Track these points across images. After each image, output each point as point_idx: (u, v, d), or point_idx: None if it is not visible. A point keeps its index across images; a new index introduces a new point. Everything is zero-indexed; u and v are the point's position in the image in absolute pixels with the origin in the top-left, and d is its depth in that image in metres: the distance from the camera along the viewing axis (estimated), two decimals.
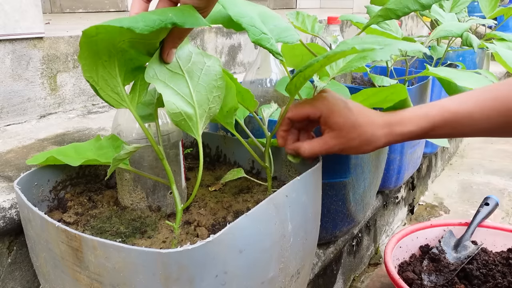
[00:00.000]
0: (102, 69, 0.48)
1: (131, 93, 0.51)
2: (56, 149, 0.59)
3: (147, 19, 0.42)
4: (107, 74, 0.48)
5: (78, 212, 0.58)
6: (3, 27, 0.96)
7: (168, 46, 0.48)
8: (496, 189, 1.66)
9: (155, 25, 0.42)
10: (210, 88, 0.52)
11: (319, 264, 0.88)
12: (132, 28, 0.41)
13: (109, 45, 0.46)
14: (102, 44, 0.46)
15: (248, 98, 0.62)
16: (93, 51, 0.46)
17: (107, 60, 0.47)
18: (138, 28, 0.41)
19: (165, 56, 0.48)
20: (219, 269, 0.44)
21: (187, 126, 0.50)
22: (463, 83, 0.81)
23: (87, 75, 0.47)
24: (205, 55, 0.53)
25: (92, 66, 0.47)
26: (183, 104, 0.50)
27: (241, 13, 0.55)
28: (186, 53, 0.51)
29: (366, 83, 1.16)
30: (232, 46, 1.61)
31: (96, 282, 0.45)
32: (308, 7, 3.79)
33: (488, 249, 1.09)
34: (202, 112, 0.52)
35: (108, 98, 0.49)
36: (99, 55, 0.47)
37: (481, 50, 1.55)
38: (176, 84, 0.49)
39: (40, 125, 1.00)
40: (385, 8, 0.70)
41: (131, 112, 0.50)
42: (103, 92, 0.49)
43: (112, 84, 0.49)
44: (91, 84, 0.48)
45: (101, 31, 0.43)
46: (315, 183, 0.61)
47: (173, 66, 0.50)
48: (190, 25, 0.44)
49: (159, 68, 0.49)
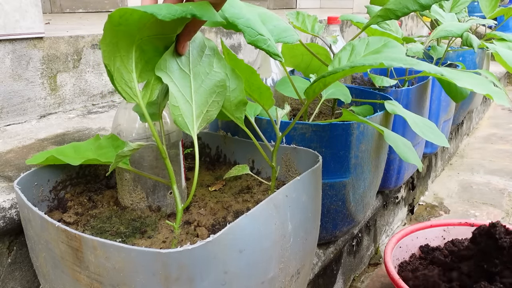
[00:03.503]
0: (120, 62, 0.49)
1: (143, 90, 0.52)
2: (55, 148, 0.59)
3: (169, 8, 0.44)
4: (123, 68, 0.50)
5: (78, 212, 0.58)
6: (3, 27, 0.96)
7: (183, 39, 0.51)
8: (496, 189, 1.66)
9: (176, 14, 0.44)
10: (210, 93, 0.54)
11: (319, 264, 0.88)
12: (155, 14, 0.43)
13: (128, 40, 0.48)
14: (122, 37, 0.47)
15: (267, 96, 0.62)
16: (113, 42, 0.48)
17: (125, 54, 0.49)
18: (161, 14, 0.43)
19: (181, 49, 0.51)
20: (219, 269, 0.44)
21: (184, 123, 0.52)
22: (463, 83, 0.81)
23: (106, 62, 0.49)
24: (216, 55, 0.55)
25: (111, 55, 0.49)
26: (182, 101, 0.51)
27: (237, 15, 0.55)
28: (200, 47, 0.54)
29: (366, 83, 1.16)
30: (232, 46, 1.61)
31: (96, 282, 0.45)
32: (308, 7, 3.79)
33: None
34: (199, 113, 0.53)
35: (121, 90, 0.51)
36: (118, 48, 0.48)
37: (481, 50, 1.55)
38: (180, 82, 0.52)
39: (40, 125, 1.00)
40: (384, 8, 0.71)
41: (141, 108, 0.51)
42: (117, 83, 0.50)
43: (126, 78, 0.50)
44: (108, 71, 0.50)
45: (122, 22, 0.45)
46: (315, 183, 0.61)
47: (183, 62, 0.52)
48: (208, 18, 0.46)
49: (170, 62, 0.51)
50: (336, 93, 0.82)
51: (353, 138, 0.73)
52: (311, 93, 0.56)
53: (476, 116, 2.35)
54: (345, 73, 0.51)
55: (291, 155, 0.68)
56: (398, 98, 0.98)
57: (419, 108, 1.08)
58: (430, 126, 0.80)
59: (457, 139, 2.01)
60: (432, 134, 0.78)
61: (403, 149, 0.68)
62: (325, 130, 0.72)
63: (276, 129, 0.64)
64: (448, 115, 1.44)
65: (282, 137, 0.62)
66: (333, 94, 0.82)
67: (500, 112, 2.63)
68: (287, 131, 0.61)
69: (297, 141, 0.72)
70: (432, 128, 0.80)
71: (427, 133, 0.77)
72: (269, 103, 0.62)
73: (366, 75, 1.18)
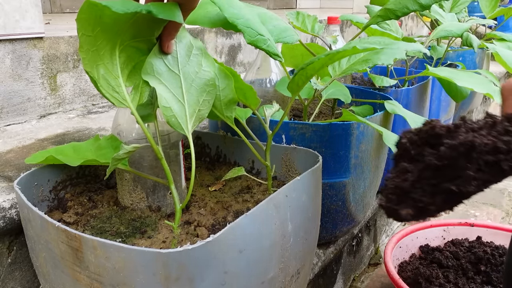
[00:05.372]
0: (104, 69, 0.49)
1: (132, 93, 0.51)
2: (55, 148, 0.59)
3: (126, 3, 0.44)
4: (109, 74, 0.49)
5: (78, 212, 0.58)
6: (3, 27, 0.96)
7: (165, 39, 0.51)
8: (496, 189, 1.66)
9: (130, 8, 0.43)
10: (201, 92, 0.54)
11: (319, 264, 0.88)
12: (110, 7, 0.43)
13: (109, 46, 0.48)
14: (102, 44, 0.47)
15: (251, 95, 0.62)
16: (92, 49, 0.47)
17: (108, 61, 0.49)
18: (114, 7, 0.43)
19: (165, 48, 0.51)
20: (219, 269, 0.44)
21: (177, 123, 0.52)
22: (463, 83, 0.81)
23: (88, 69, 0.48)
24: (204, 55, 0.54)
25: (92, 63, 0.48)
26: (174, 102, 0.51)
27: (236, 15, 0.55)
28: (187, 47, 0.53)
29: (366, 83, 1.16)
30: (232, 46, 1.61)
31: (96, 282, 0.45)
32: (308, 7, 3.79)
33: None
34: (192, 112, 0.53)
35: (109, 96, 0.50)
36: (99, 55, 0.48)
37: (481, 50, 1.55)
38: (170, 83, 0.51)
39: (40, 125, 1.00)
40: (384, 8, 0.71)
41: (132, 112, 0.51)
42: (104, 89, 0.50)
43: (113, 84, 0.50)
44: (91, 77, 0.49)
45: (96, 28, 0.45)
46: (315, 183, 0.61)
47: (172, 63, 0.52)
48: (164, 16, 0.46)
49: (158, 64, 0.51)
50: (336, 93, 0.82)
51: (353, 138, 0.73)
52: (295, 87, 0.56)
53: (476, 116, 2.35)
54: (322, 62, 0.51)
55: (291, 155, 0.68)
56: (398, 98, 0.98)
57: (419, 108, 1.08)
58: None
59: None
60: None
61: None
62: (325, 130, 0.72)
63: (266, 127, 0.64)
64: (448, 115, 1.44)
65: (272, 135, 0.62)
66: (333, 94, 0.82)
67: (500, 112, 2.63)
68: (276, 130, 0.61)
69: (297, 141, 0.72)
70: None
71: None
72: (254, 102, 0.62)
73: (366, 75, 1.18)
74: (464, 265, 1.03)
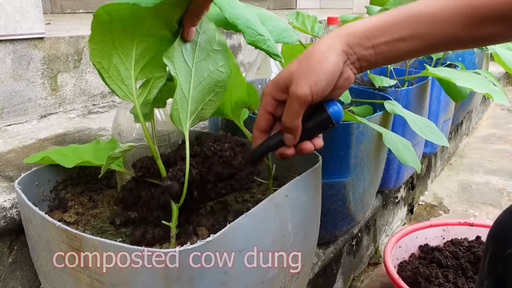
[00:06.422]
0: (117, 59, 0.48)
1: (141, 88, 0.50)
2: (54, 149, 0.59)
3: None
4: (122, 65, 0.48)
5: (79, 212, 0.59)
6: (4, 28, 0.96)
7: (186, 24, 0.49)
8: (495, 189, 1.66)
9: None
10: (209, 91, 0.52)
11: (319, 263, 0.88)
12: (138, 3, 0.42)
13: (127, 36, 0.47)
14: (119, 34, 0.46)
15: (252, 93, 0.62)
16: (107, 40, 0.46)
17: (124, 51, 0.48)
18: (144, 2, 0.42)
19: (185, 34, 0.49)
20: (219, 269, 0.44)
21: (177, 118, 0.51)
22: (462, 83, 0.82)
23: (95, 60, 0.48)
24: (224, 52, 0.53)
25: (103, 53, 0.47)
26: (180, 95, 0.50)
27: (236, 15, 0.55)
28: (208, 40, 0.51)
29: (365, 83, 1.16)
30: (232, 46, 1.61)
31: (97, 281, 0.45)
32: (308, 8, 3.79)
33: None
34: (194, 109, 0.52)
35: (116, 87, 0.49)
36: (114, 45, 0.47)
37: (481, 50, 1.55)
38: (181, 75, 0.50)
39: (41, 125, 1.00)
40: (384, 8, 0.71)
41: (134, 107, 0.50)
42: (111, 80, 0.49)
43: (124, 76, 0.49)
44: (98, 69, 0.49)
45: (114, 18, 0.44)
46: (315, 183, 0.61)
47: (188, 54, 0.50)
48: None
49: (177, 52, 0.49)
50: None
51: (353, 138, 0.73)
52: None
53: (475, 116, 2.35)
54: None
55: None
56: (398, 98, 0.98)
57: (418, 108, 1.08)
58: (429, 126, 0.80)
59: (456, 139, 2.01)
60: (431, 133, 0.79)
61: (401, 151, 0.68)
62: None
63: None
64: (448, 115, 1.44)
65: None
66: None
67: (499, 112, 2.63)
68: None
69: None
70: (431, 127, 0.80)
71: (427, 133, 0.78)
72: (255, 101, 0.62)
73: (366, 75, 1.18)
74: (463, 264, 1.03)
